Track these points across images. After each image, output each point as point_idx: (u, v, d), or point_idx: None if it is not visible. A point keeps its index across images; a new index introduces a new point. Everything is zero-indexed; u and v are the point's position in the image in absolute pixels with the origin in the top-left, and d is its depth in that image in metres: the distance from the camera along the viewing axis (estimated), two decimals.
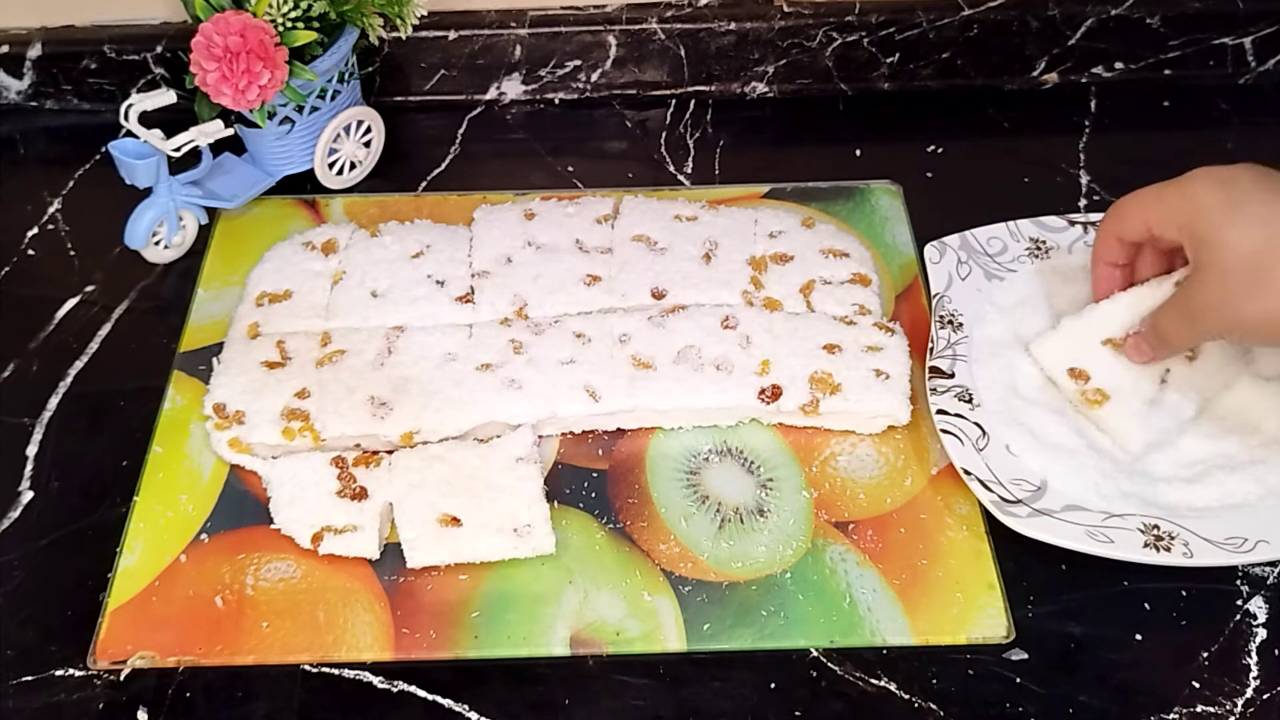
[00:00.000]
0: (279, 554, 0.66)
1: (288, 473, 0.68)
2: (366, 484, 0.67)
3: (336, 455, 0.68)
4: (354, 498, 0.66)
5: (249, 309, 0.76)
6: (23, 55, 0.90)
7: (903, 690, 0.61)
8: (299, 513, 0.66)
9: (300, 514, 0.66)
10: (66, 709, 0.61)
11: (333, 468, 0.68)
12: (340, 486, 0.67)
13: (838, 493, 0.68)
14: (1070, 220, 0.79)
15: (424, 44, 0.90)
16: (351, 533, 0.65)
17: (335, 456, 0.68)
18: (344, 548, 0.65)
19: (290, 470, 0.68)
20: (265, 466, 0.69)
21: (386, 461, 0.68)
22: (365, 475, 0.68)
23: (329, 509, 0.66)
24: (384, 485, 0.67)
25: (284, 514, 0.66)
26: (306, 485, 0.67)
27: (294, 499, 0.67)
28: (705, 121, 0.92)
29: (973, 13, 0.89)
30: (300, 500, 0.67)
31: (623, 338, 0.73)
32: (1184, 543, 0.63)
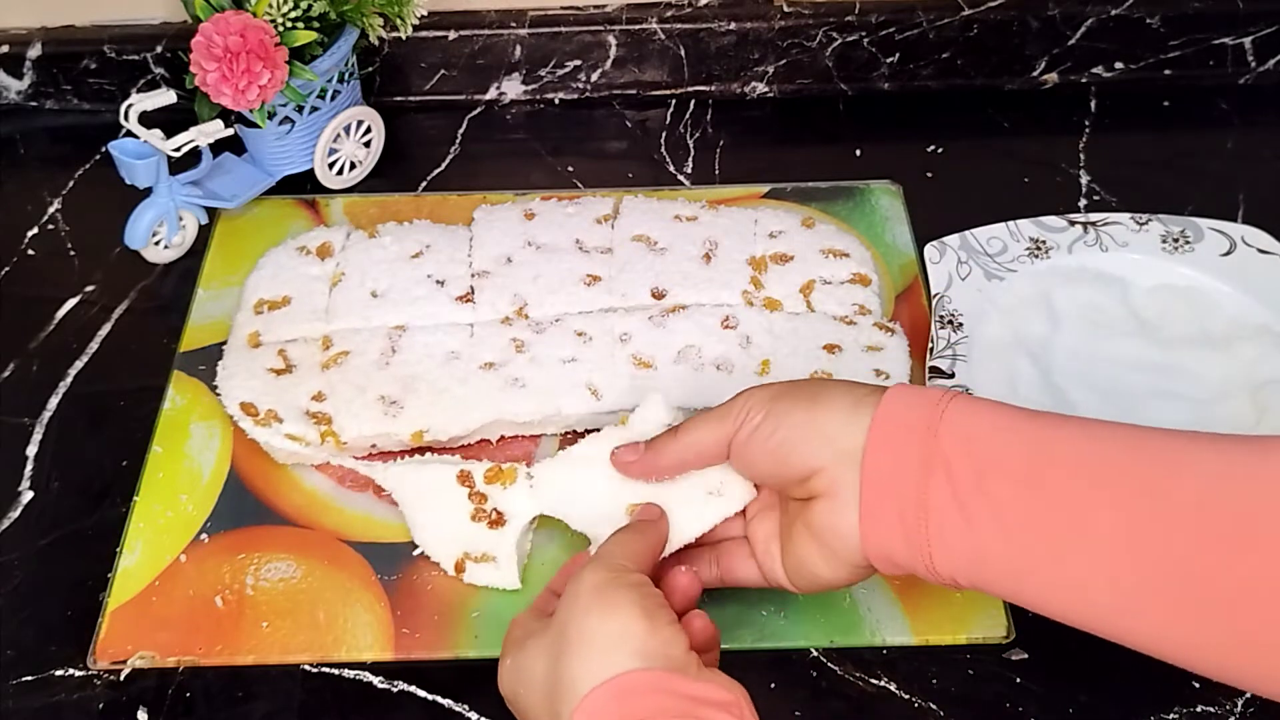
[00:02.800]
0: (279, 554, 0.66)
1: (414, 487, 0.66)
2: (501, 505, 0.64)
3: (462, 470, 0.65)
4: (491, 524, 0.64)
5: (248, 317, 0.75)
6: (23, 55, 0.90)
7: (903, 690, 0.61)
8: (442, 536, 0.64)
9: (444, 537, 0.64)
10: (66, 709, 0.61)
11: (461, 486, 0.65)
12: (473, 509, 0.64)
13: None
14: (1070, 220, 0.79)
15: (424, 44, 0.90)
16: (490, 563, 0.63)
17: (461, 471, 0.65)
18: (485, 578, 0.63)
19: (417, 485, 0.66)
20: (382, 473, 0.67)
21: (524, 476, 0.65)
22: (501, 496, 0.64)
23: (467, 534, 0.64)
24: (525, 504, 0.64)
25: (424, 535, 0.65)
26: (441, 505, 0.65)
27: (434, 521, 0.64)
28: (705, 121, 0.92)
29: (973, 13, 0.89)
30: (440, 523, 0.64)
31: (623, 337, 0.73)
32: None
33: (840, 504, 0.52)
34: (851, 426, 0.52)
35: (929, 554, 0.50)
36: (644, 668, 0.48)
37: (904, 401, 0.52)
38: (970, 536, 0.49)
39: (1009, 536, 0.48)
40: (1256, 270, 0.76)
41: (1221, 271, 0.76)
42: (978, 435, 0.50)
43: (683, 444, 0.59)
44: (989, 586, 0.50)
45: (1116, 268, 0.77)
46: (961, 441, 0.50)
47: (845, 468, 0.52)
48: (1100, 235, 0.78)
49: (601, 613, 0.50)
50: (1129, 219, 0.78)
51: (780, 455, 0.54)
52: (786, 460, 0.54)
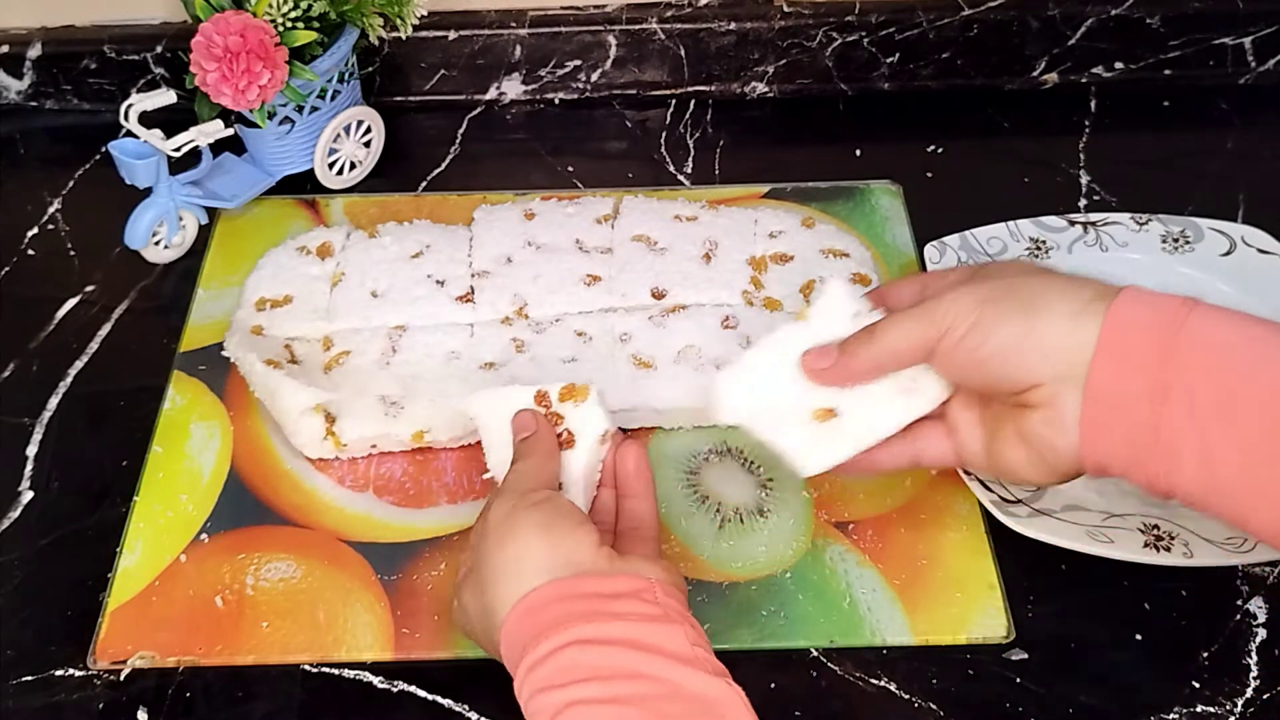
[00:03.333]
0: (279, 554, 0.66)
1: (492, 410, 0.63)
2: (573, 425, 0.62)
3: (540, 390, 0.63)
4: (561, 446, 0.62)
5: (249, 314, 0.75)
6: (23, 55, 0.90)
7: (903, 690, 0.61)
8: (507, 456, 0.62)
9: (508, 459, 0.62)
10: (66, 709, 0.61)
11: (538, 407, 0.63)
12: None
13: (838, 493, 0.68)
14: (1070, 220, 0.79)
15: (424, 44, 0.90)
16: (563, 493, 0.61)
17: (539, 391, 0.63)
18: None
19: (496, 407, 0.63)
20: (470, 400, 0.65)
21: (595, 391, 0.62)
22: (573, 414, 0.62)
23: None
24: (596, 421, 0.62)
25: (496, 458, 0.63)
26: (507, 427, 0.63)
27: (500, 440, 0.63)
28: (705, 121, 0.92)
29: (973, 13, 0.89)
30: (505, 446, 0.62)
31: (623, 337, 0.73)
32: (1184, 543, 0.63)
33: (1058, 419, 0.49)
34: (1073, 340, 0.48)
35: (1155, 476, 0.47)
36: (548, 580, 0.51)
37: (1135, 312, 0.47)
38: (1208, 467, 0.46)
39: (1253, 470, 0.45)
40: (1256, 270, 0.76)
41: (1221, 271, 0.76)
42: (1226, 351, 0.45)
43: (879, 348, 0.55)
44: (1215, 512, 0.48)
45: (1116, 268, 0.77)
46: (1206, 359, 0.45)
47: (1066, 385, 0.49)
48: (1100, 235, 0.78)
49: (504, 541, 0.53)
50: (1129, 219, 0.78)
51: (991, 368, 0.51)
52: (998, 373, 0.51)
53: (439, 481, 0.69)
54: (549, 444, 0.60)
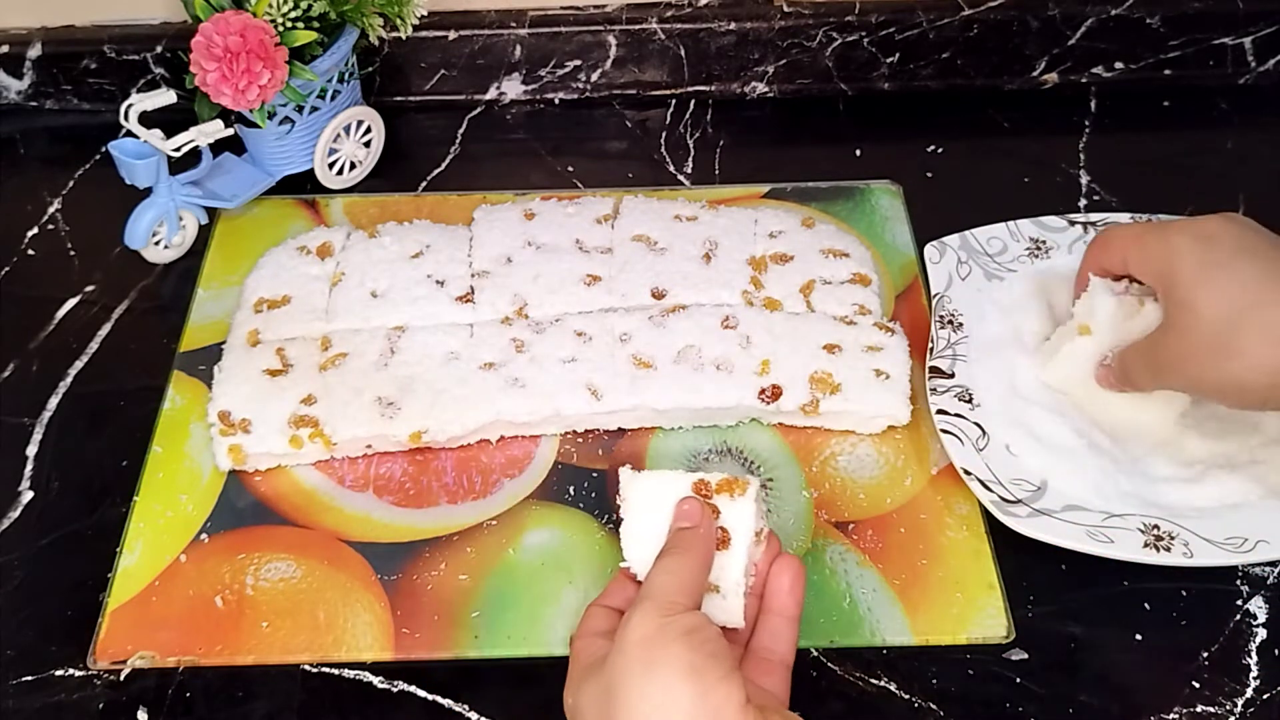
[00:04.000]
0: (279, 554, 0.66)
1: (643, 492, 0.58)
2: (729, 521, 0.56)
3: (700, 479, 0.57)
4: (719, 545, 0.56)
5: (247, 315, 0.75)
6: (23, 55, 0.90)
7: (903, 690, 0.61)
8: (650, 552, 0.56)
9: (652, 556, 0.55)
10: (66, 709, 0.61)
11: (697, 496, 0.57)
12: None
13: (838, 493, 0.68)
14: (1070, 220, 0.79)
15: (424, 44, 0.90)
16: (713, 594, 0.56)
17: (699, 480, 0.57)
18: (712, 609, 0.55)
19: (648, 490, 0.57)
20: (626, 476, 0.58)
21: (757, 486, 0.57)
22: (729, 509, 0.56)
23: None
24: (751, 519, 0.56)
25: (637, 548, 0.57)
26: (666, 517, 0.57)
27: (652, 534, 0.56)
28: (705, 121, 0.92)
29: (973, 13, 0.89)
30: (653, 533, 0.56)
31: (623, 337, 0.73)
32: (1184, 543, 0.63)
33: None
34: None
35: None
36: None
37: None
38: None
39: None
40: None
41: None
42: None
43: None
44: None
45: None
46: None
47: None
48: None
49: (647, 675, 0.48)
50: (1129, 219, 0.78)
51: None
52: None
53: (439, 481, 0.69)
54: (708, 545, 0.55)
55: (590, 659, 0.52)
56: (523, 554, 0.66)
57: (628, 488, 0.58)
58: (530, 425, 0.70)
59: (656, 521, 0.56)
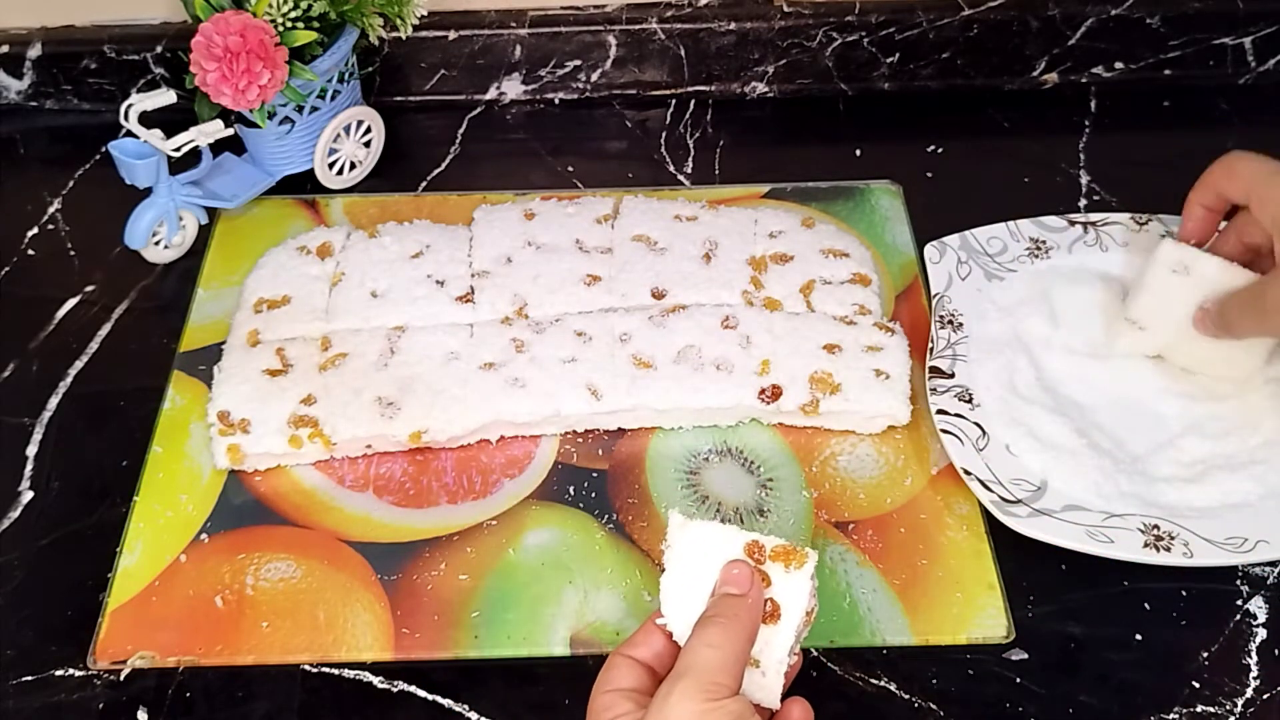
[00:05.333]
0: (279, 554, 0.66)
1: (691, 544, 0.53)
2: (781, 595, 0.52)
3: (753, 540, 0.53)
4: (765, 618, 0.52)
5: (247, 315, 0.75)
6: (23, 55, 0.90)
7: (903, 690, 0.61)
8: (698, 610, 0.52)
9: (691, 616, 0.52)
10: (66, 709, 0.61)
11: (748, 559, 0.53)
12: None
13: (838, 493, 0.68)
14: (1070, 220, 0.79)
15: (424, 44, 0.90)
16: (752, 668, 0.52)
17: (751, 542, 0.53)
18: (750, 687, 0.52)
19: (695, 542, 0.53)
20: (677, 523, 0.54)
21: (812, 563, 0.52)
22: (783, 582, 0.52)
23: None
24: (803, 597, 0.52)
25: (675, 603, 0.53)
26: (713, 574, 0.53)
27: (695, 590, 0.52)
28: (705, 121, 0.92)
29: (973, 13, 0.89)
30: (695, 589, 0.52)
31: (623, 337, 0.73)
32: (1184, 543, 0.63)
33: None
34: None
35: None
36: None
37: None
38: None
39: None
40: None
41: None
42: None
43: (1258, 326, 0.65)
44: None
45: (1116, 267, 0.77)
46: None
47: None
48: (1100, 235, 0.78)
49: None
50: (1129, 219, 0.78)
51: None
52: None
53: (439, 481, 0.69)
54: (755, 617, 0.51)
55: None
56: (523, 554, 0.66)
57: (676, 535, 0.54)
58: (530, 425, 0.70)
59: (701, 577, 0.53)
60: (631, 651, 0.53)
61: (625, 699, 0.50)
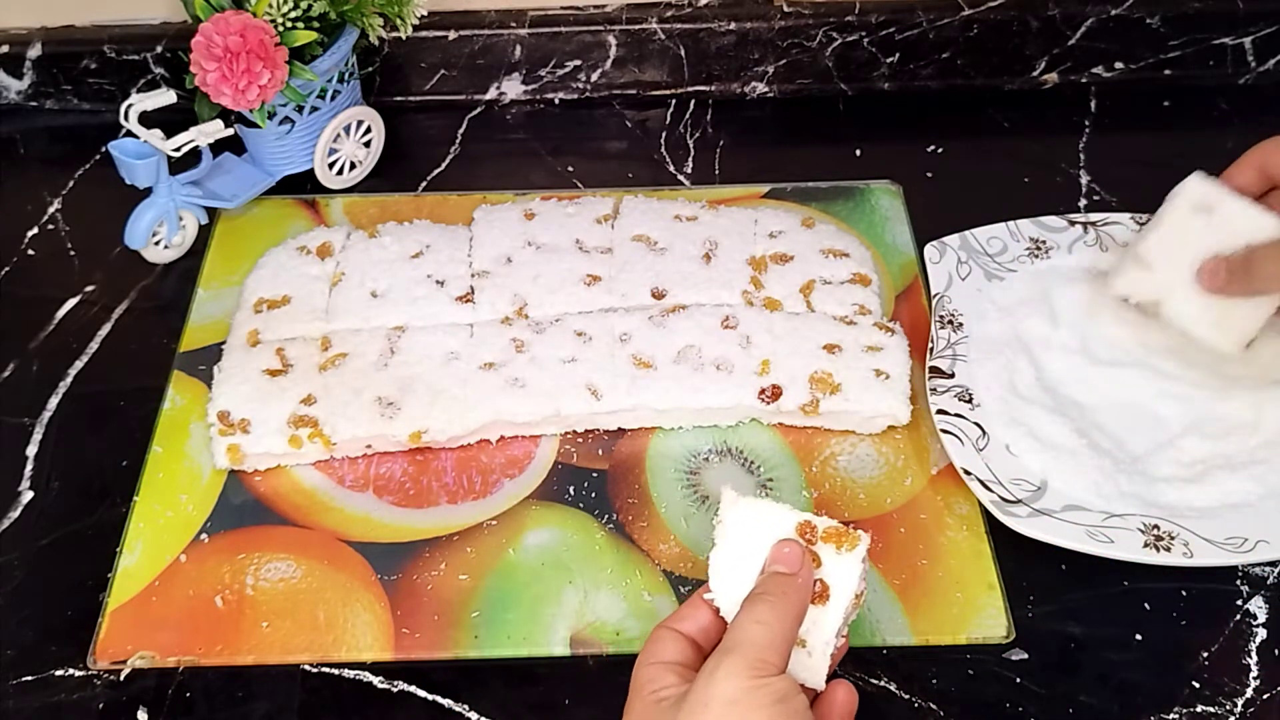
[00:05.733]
0: (279, 554, 0.66)
1: (743, 522, 0.54)
2: (831, 575, 0.52)
3: (805, 520, 0.54)
4: (814, 598, 0.52)
5: (247, 315, 0.75)
6: (23, 55, 0.90)
7: (903, 690, 0.61)
8: (738, 586, 0.53)
9: (739, 593, 0.52)
10: (66, 709, 0.61)
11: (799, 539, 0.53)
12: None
13: (838, 493, 0.68)
14: (1070, 220, 0.79)
15: (424, 44, 0.90)
16: (799, 649, 0.52)
17: (803, 522, 0.53)
18: (796, 666, 0.52)
19: (747, 519, 0.54)
20: (729, 498, 0.55)
21: (864, 546, 0.53)
22: (833, 562, 0.52)
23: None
24: (852, 580, 0.52)
25: (724, 579, 0.53)
26: (763, 552, 0.53)
27: (745, 567, 0.53)
28: (705, 121, 0.92)
29: (973, 13, 0.89)
30: (744, 566, 0.53)
31: (623, 337, 0.73)
32: (1184, 543, 0.63)
33: None
34: None
35: None
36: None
37: None
38: None
39: None
40: None
41: None
42: None
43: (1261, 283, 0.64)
44: None
45: None
46: None
47: None
48: (1100, 235, 0.78)
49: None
50: (1129, 219, 0.78)
51: None
52: None
53: (439, 481, 0.69)
54: (804, 597, 0.51)
55: (658, 695, 0.49)
56: (523, 554, 0.66)
57: (727, 511, 0.54)
58: (530, 425, 0.70)
59: (750, 554, 0.53)
60: (677, 625, 0.53)
61: (670, 671, 0.50)
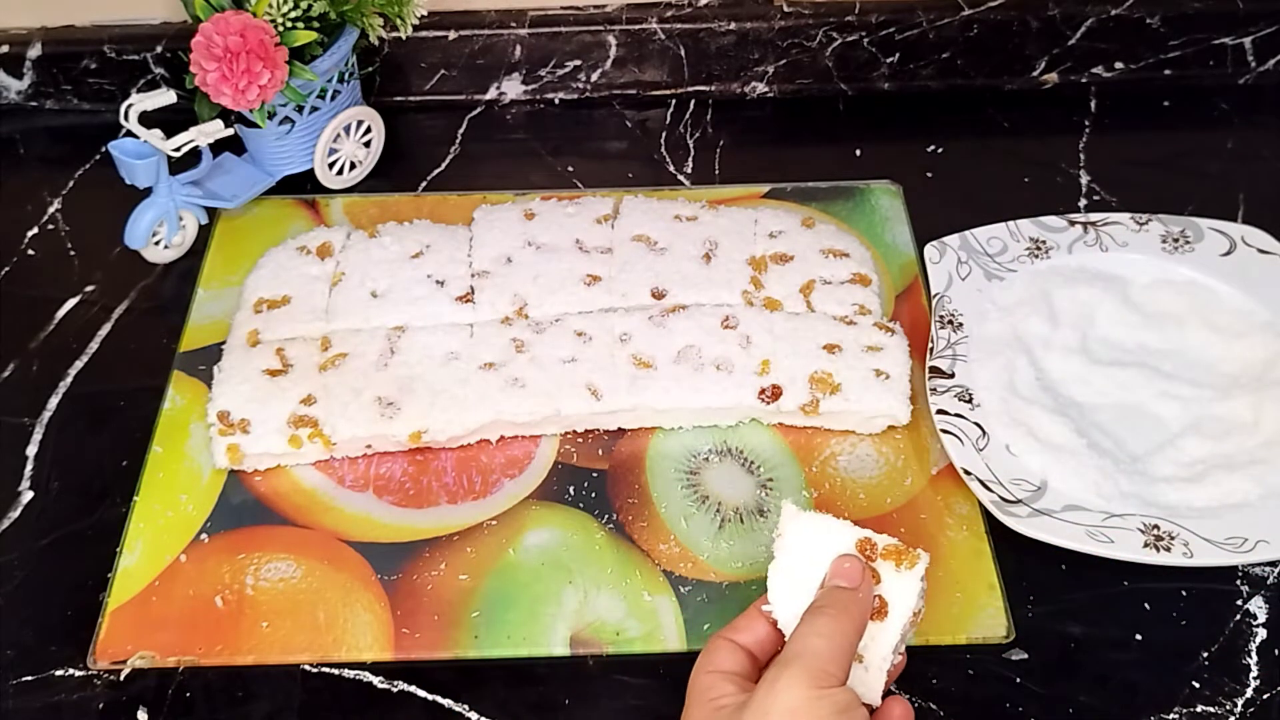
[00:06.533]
0: (279, 554, 0.66)
1: (803, 535, 0.55)
2: (890, 592, 0.53)
3: (865, 538, 0.54)
4: (872, 615, 0.53)
5: (247, 316, 0.75)
6: (23, 55, 0.90)
7: (903, 690, 0.61)
8: (805, 601, 0.53)
9: (798, 607, 0.53)
10: (66, 709, 0.61)
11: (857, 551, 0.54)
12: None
13: (838, 493, 0.68)
14: (1070, 220, 0.79)
15: (424, 44, 0.90)
16: (856, 664, 0.52)
17: (863, 539, 0.54)
18: (853, 681, 0.52)
19: (807, 533, 0.55)
20: (789, 512, 0.56)
21: (923, 565, 0.53)
22: (892, 580, 0.53)
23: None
24: (910, 597, 0.53)
25: (782, 590, 0.54)
26: (823, 566, 0.53)
27: (804, 579, 0.53)
28: (705, 121, 0.92)
29: (973, 13, 0.89)
30: (812, 584, 0.53)
31: (623, 337, 0.73)
32: (1184, 543, 0.63)
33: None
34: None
35: None
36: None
37: None
38: None
39: None
40: (1256, 270, 0.76)
41: (1221, 271, 0.76)
42: None
43: None
44: None
45: (1116, 267, 0.77)
46: None
47: None
48: (1100, 235, 0.78)
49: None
50: (1129, 219, 0.79)
51: None
52: None
53: (439, 481, 0.69)
54: (864, 612, 0.52)
55: (717, 702, 0.49)
56: (523, 554, 0.66)
57: (787, 525, 0.55)
58: (530, 425, 0.70)
59: (810, 568, 0.53)
60: (734, 635, 0.53)
61: (728, 680, 0.50)
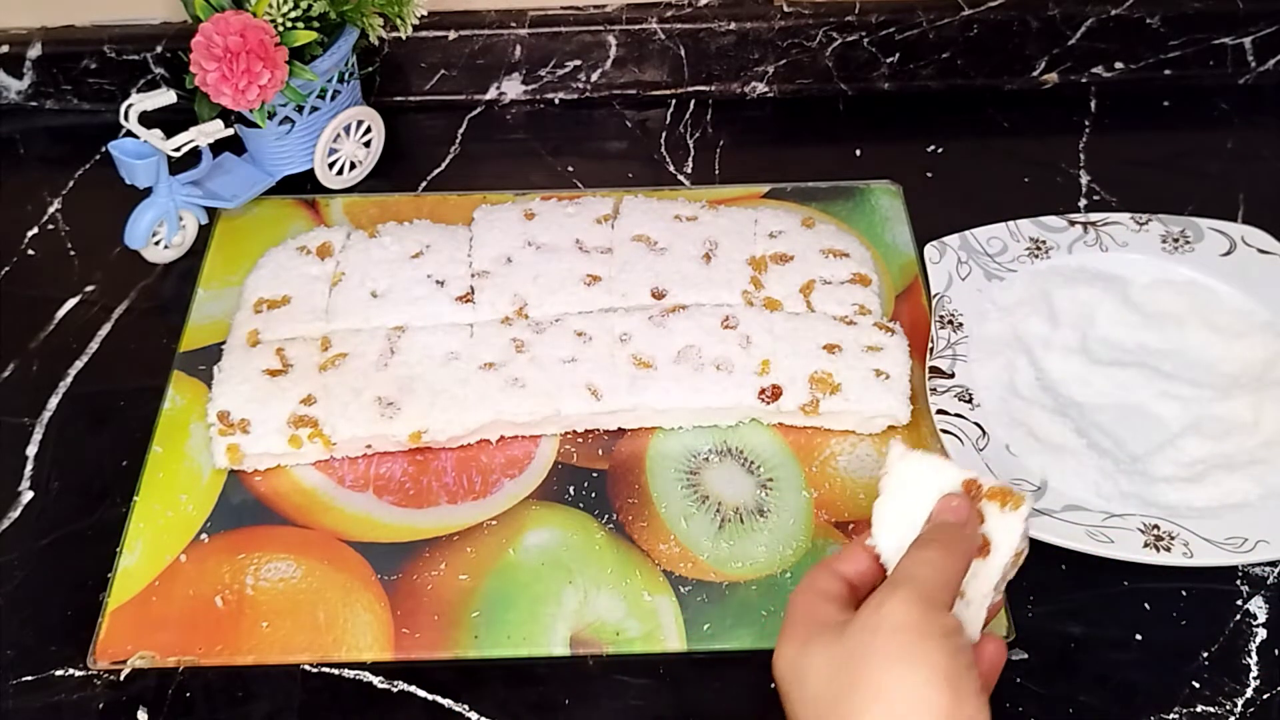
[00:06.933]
0: (279, 554, 0.66)
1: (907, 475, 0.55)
2: (994, 532, 0.53)
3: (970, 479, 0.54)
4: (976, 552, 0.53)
5: (247, 316, 0.75)
6: (23, 55, 0.90)
7: None
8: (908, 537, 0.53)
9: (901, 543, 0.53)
10: (66, 709, 0.61)
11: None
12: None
13: (838, 493, 0.68)
14: (1070, 220, 0.79)
15: (424, 44, 0.90)
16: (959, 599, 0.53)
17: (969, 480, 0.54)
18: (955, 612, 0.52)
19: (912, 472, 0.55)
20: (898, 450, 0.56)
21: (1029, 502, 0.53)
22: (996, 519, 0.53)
23: None
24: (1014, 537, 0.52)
25: (885, 528, 0.54)
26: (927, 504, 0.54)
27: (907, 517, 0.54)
28: (705, 121, 0.92)
29: (973, 13, 0.89)
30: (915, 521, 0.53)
31: (623, 337, 0.73)
32: (1184, 543, 0.63)
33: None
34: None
35: None
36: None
37: None
38: None
39: None
40: (1256, 270, 0.76)
41: (1221, 271, 0.76)
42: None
43: None
44: None
45: (1116, 267, 0.77)
46: None
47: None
48: (1100, 235, 0.78)
49: (903, 668, 0.45)
50: (1129, 219, 0.79)
51: None
52: None
53: (439, 481, 0.69)
54: (970, 547, 0.52)
55: (819, 620, 0.49)
56: (523, 554, 0.66)
57: (895, 464, 0.56)
58: (530, 425, 0.70)
59: (915, 506, 0.54)
60: (837, 565, 0.53)
61: (830, 601, 0.50)
